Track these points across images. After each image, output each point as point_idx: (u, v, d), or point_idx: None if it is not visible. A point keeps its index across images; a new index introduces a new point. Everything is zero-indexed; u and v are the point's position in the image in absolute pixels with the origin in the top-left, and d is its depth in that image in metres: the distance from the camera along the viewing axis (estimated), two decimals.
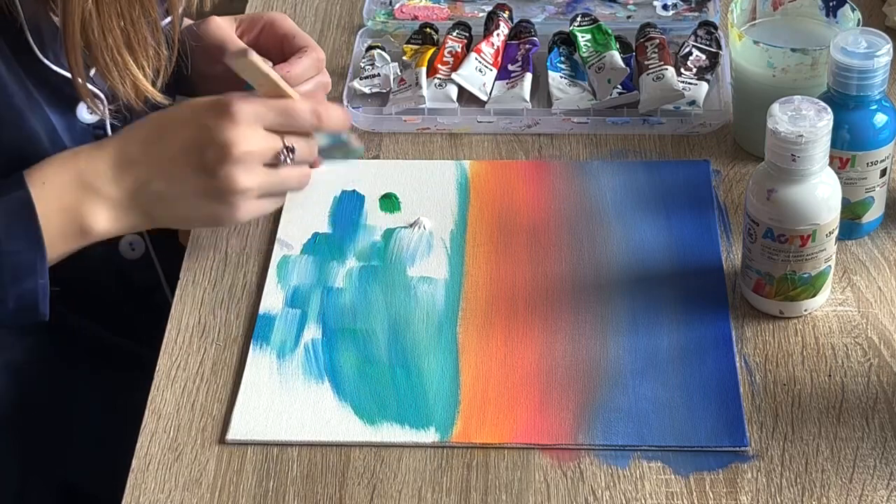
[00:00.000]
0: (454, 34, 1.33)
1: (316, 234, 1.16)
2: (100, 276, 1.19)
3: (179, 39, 1.23)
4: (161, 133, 1.05)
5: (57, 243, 1.03)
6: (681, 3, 1.38)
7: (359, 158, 1.17)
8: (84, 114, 1.12)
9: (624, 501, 0.95)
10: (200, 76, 1.26)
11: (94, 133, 1.11)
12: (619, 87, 1.26)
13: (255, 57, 1.04)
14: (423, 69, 1.28)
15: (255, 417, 1.01)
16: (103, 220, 1.04)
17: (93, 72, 1.07)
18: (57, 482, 1.20)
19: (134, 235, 1.19)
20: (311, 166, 1.10)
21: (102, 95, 1.10)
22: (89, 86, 1.08)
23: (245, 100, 1.03)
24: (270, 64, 1.08)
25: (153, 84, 1.08)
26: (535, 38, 1.32)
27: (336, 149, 1.11)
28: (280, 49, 1.23)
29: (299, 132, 1.06)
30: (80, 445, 1.20)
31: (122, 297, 1.22)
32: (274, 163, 1.05)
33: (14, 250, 1.01)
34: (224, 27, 1.23)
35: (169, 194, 1.04)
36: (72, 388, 1.17)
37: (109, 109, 1.12)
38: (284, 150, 1.05)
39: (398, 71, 1.30)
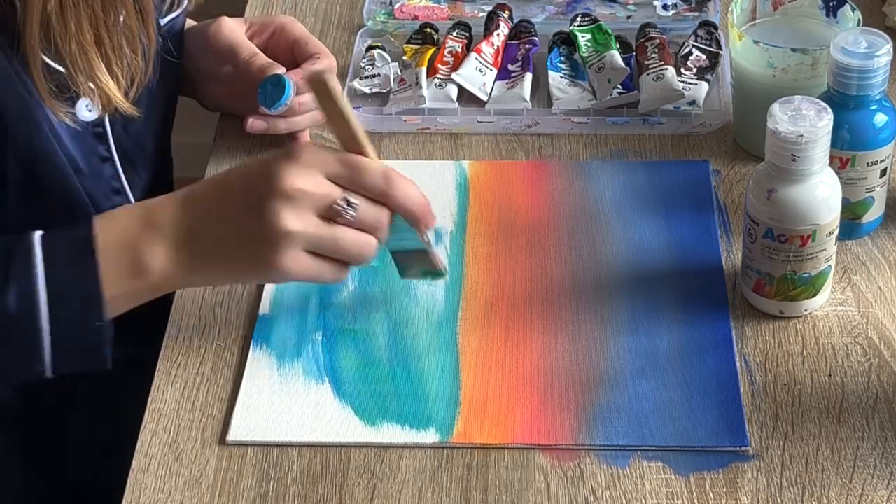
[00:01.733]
0: (454, 34, 1.33)
1: None
2: None
3: (187, 39, 1.23)
4: (229, 173, 1.02)
5: (113, 280, 0.98)
6: (681, 3, 1.38)
7: (437, 279, 1.08)
8: (83, 111, 1.10)
9: (624, 501, 0.95)
10: (208, 77, 1.26)
11: (94, 131, 1.11)
12: (619, 87, 1.26)
13: (335, 83, 0.97)
14: (424, 69, 1.28)
15: (255, 418, 1.01)
16: (160, 257, 0.98)
17: (126, 48, 1.05)
18: (58, 482, 1.20)
19: None
20: (380, 241, 1.00)
21: (131, 91, 1.08)
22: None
23: (315, 146, 0.99)
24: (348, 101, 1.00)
25: (126, 94, 1.05)
26: (535, 38, 1.32)
27: (413, 257, 1.03)
28: (290, 54, 1.23)
29: (365, 192, 0.98)
30: (80, 446, 1.20)
31: None
32: (330, 216, 0.97)
33: (70, 285, 0.97)
34: (235, 30, 1.23)
35: (221, 232, 0.98)
36: (72, 389, 1.17)
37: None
38: (343, 201, 0.96)
39: (398, 71, 1.30)
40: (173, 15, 1.19)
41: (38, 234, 0.98)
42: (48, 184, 1.08)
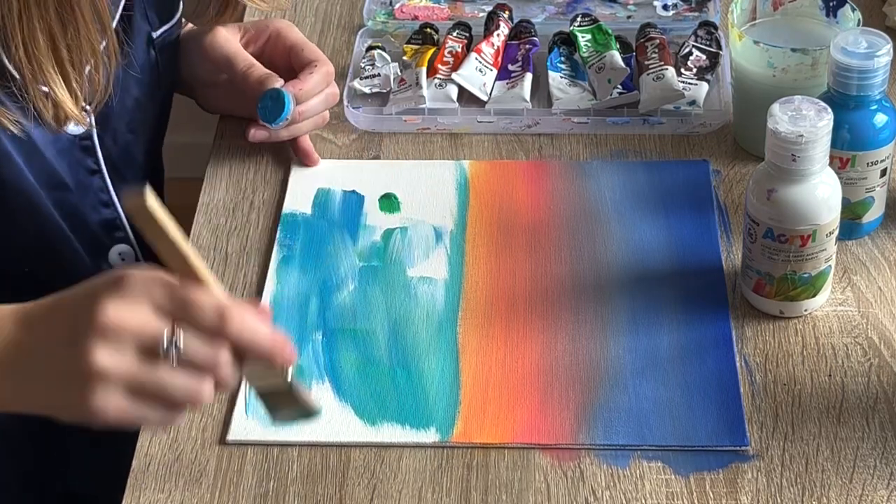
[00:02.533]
0: (454, 34, 1.33)
1: (314, 231, 1.16)
2: None
3: (183, 47, 1.23)
4: (58, 299, 0.88)
5: None
6: (681, 3, 1.38)
7: (312, 420, 0.93)
8: (69, 124, 1.07)
9: (624, 501, 0.95)
10: (206, 84, 1.26)
11: (81, 144, 1.11)
12: (619, 87, 1.26)
13: (153, 202, 0.83)
14: (424, 69, 1.28)
15: (254, 418, 1.01)
16: None
17: (88, 68, 1.03)
18: (56, 486, 1.20)
19: (124, 245, 1.17)
20: (219, 383, 0.85)
21: (88, 107, 1.07)
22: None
23: (146, 275, 0.84)
24: (172, 220, 0.85)
25: (83, 110, 1.03)
26: (535, 38, 1.32)
27: (282, 398, 0.89)
28: (287, 60, 1.23)
29: (198, 328, 0.84)
30: (79, 449, 1.19)
31: None
32: (152, 355, 0.83)
33: None
34: (230, 39, 1.23)
35: (38, 369, 0.86)
36: None
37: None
38: (166, 340, 0.83)
39: (398, 71, 1.30)
40: (166, 27, 1.19)
41: None
42: (13, 204, 1.06)
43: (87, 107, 1.05)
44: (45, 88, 1.00)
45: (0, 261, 1.10)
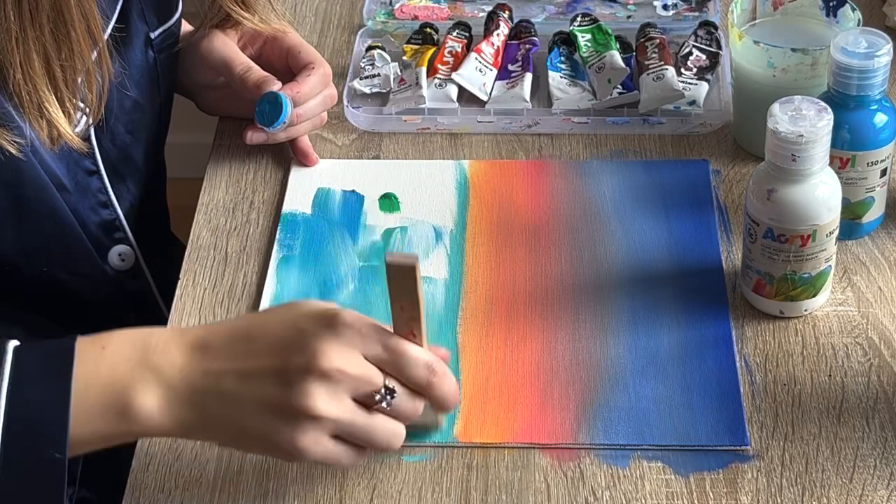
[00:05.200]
0: (454, 34, 1.33)
1: (313, 230, 1.16)
2: (92, 289, 1.17)
3: (181, 50, 1.23)
4: (253, 327, 0.90)
5: (93, 414, 0.87)
6: (681, 3, 1.38)
7: (429, 436, 0.99)
8: (62, 142, 1.06)
9: (624, 501, 0.95)
10: (204, 86, 1.26)
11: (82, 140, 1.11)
12: (619, 87, 1.26)
13: (418, 270, 0.88)
14: (423, 69, 1.28)
15: None
16: (151, 404, 0.87)
17: (80, 80, 1.02)
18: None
19: (123, 246, 1.17)
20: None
21: (83, 105, 1.07)
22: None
23: (355, 318, 0.88)
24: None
25: (75, 129, 1.03)
26: (535, 38, 1.32)
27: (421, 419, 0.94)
28: (285, 62, 1.23)
29: (406, 382, 0.90)
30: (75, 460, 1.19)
31: (114, 308, 1.20)
32: (367, 402, 0.89)
33: (36, 400, 0.86)
34: (228, 42, 1.22)
35: (235, 395, 0.87)
36: None
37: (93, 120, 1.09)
38: (385, 389, 0.88)
39: (398, 71, 1.30)
40: (164, 28, 1.18)
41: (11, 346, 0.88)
42: (35, 205, 1.07)
43: (79, 126, 1.05)
44: (39, 111, 0.99)
45: (23, 261, 1.09)
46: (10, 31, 0.95)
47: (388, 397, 0.89)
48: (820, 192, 1.02)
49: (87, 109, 1.05)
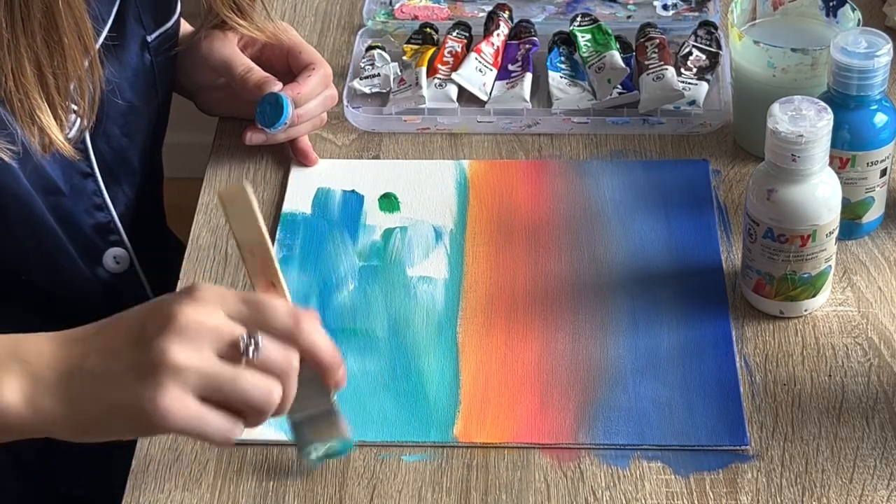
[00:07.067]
0: (454, 34, 1.33)
1: (313, 228, 1.16)
2: (86, 293, 1.16)
3: (180, 51, 1.23)
4: (117, 317, 0.89)
5: None
6: (681, 3, 1.38)
7: (342, 454, 0.97)
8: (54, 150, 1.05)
9: (624, 501, 0.95)
10: (204, 87, 1.26)
11: (74, 147, 1.10)
12: (619, 87, 1.26)
13: (252, 196, 0.87)
14: (423, 69, 1.28)
15: None
16: (14, 396, 0.86)
17: (72, 86, 1.02)
18: (55, 490, 1.19)
19: (118, 249, 1.17)
20: (284, 395, 0.87)
21: (76, 107, 1.06)
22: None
23: (218, 287, 0.87)
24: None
25: (68, 137, 1.03)
26: (535, 38, 1.32)
27: (316, 427, 0.93)
28: (285, 62, 1.23)
29: (272, 332, 0.86)
30: (76, 451, 1.19)
31: (108, 311, 1.20)
32: (231, 356, 0.85)
33: None
34: (228, 43, 1.22)
35: (98, 372, 0.85)
36: None
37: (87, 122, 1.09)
38: (246, 338, 0.85)
39: (398, 71, 1.30)
40: (161, 30, 1.18)
41: None
42: (10, 212, 1.06)
43: (71, 133, 1.04)
44: (32, 115, 0.99)
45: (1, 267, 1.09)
46: (2, 38, 0.95)
47: (253, 347, 0.84)
48: (820, 192, 1.02)
49: (80, 115, 1.05)
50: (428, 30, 1.35)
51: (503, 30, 1.33)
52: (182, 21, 1.25)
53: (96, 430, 0.87)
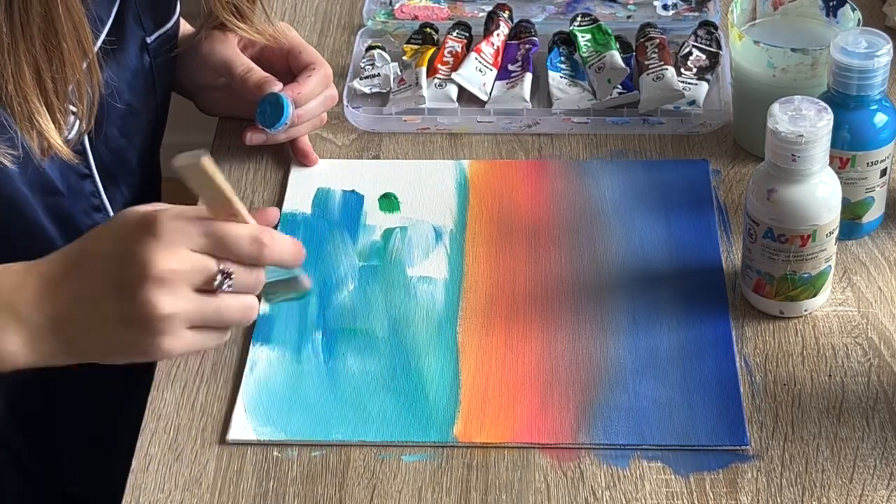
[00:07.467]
0: (454, 34, 1.33)
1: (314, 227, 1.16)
2: None
3: (182, 52, 1.23)
4: (84, 250, 0.93)
5: None
6: (681, 3, 1.38)
7: (302, 299, 1.05)
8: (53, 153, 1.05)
9: (624, 501, 0.95)
10: (204, 88, 1.26)
11: (73, 149, 1.10)
12: (619, 87, 1.26)
13: (209, 164, 0.90)
14: (423, 69, 1.28)
15: (254, 418, 1.01)
16: (17, 346, 0.91)
17: (70, 88, 1.02)
18: (55, 488, 1.19)
19: None
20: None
21: (75, 109, 1.06)
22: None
23: (174, 216, 0.91)
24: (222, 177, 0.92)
25: (66, 141, 1.03)
26: (535, 38, 1.32)
27: (280, 285, 0.99)
28: (285, 62, 1.23)
29: (238, 260, 0.92)
30: (77, 450, 1.19)
31: None
32: (208, 288, 0.91)
33: None
34: (228, 43, 1.22)
35: (89, 320, 0.91)
36: (68, 395, 1.16)
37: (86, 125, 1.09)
38: (220, 275, 0.91)
39: (398, 71, 1.30)
40: (161, 31, 1.18)
41: None
42: (4, 217, 1.06)
43: (70, 137, 1.04)
44: (31, 119, 0.99)
45: None
46: (2, 43, 0.95)
47: (227, 280, 0.92)
48: (820, 192, 1.02)
49: (79, 118, 1.05)
50: (428, 30, 1.35)
51: (503, 30, 1.33)
52: (182, 21, 1.25)
53: (100, 359, 0.94)
